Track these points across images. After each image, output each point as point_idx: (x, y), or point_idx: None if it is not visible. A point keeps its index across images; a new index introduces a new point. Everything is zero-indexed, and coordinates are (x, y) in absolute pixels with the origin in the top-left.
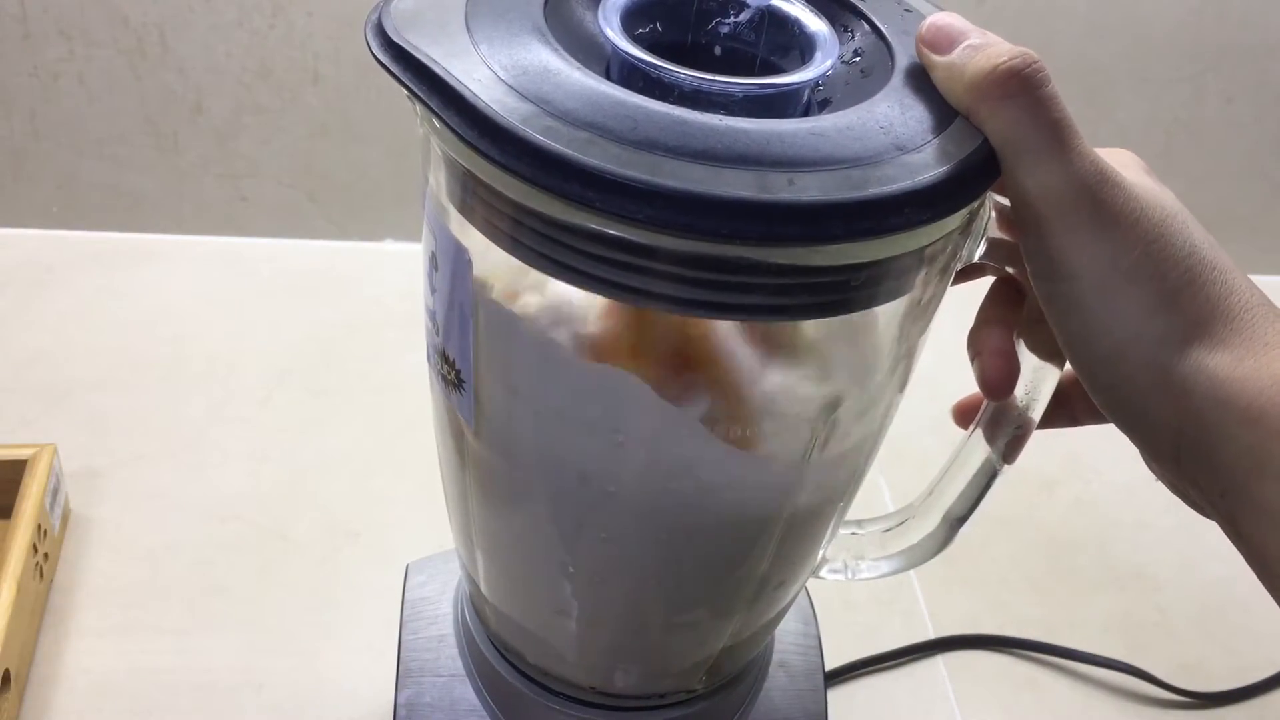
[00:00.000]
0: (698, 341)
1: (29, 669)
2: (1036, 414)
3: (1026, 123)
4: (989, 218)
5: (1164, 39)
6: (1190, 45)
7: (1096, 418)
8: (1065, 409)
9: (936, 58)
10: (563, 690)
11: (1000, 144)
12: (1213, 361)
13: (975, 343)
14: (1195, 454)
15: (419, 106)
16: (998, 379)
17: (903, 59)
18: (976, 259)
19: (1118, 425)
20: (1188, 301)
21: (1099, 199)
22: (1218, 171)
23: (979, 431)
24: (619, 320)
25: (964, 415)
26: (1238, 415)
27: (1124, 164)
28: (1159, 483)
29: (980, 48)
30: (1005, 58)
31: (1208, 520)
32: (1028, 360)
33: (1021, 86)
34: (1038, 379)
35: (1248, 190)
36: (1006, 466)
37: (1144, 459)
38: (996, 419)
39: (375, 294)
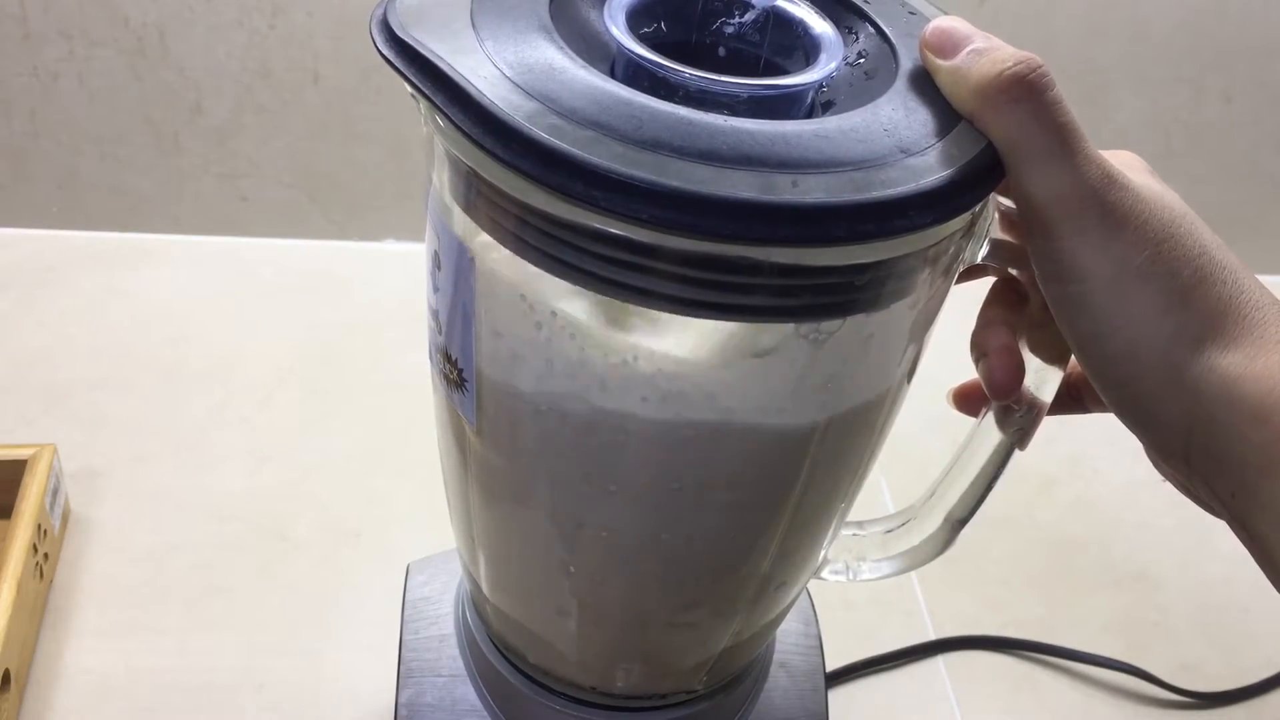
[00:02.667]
0: None
1: (29, 669)
2: (1045, 403)
3: (1032, 127)
4: (992, 219)
5: (1164, 39)
6: (1190, 45)
7: (1106, 406)
8: (1076, 399)
9: (940, 62)
10: (564, 690)
11: (1006, 148)
12: (1224, 360)
13: (979, 344)
14: (1206, 453)
15: (423, 104)
16: (1004, 378)
17: (907, 61)
18: (979, 260)
19: (1128, 424)
20: (1199, 300)
21: (1107, 201)
22: (1218, 171)
23: (981, 433)
24: None
25: (964, 400)
26: (1248, 414)
27: (1128, 165)
28: (1160, 483)
29: (984, 52)
30: (1010, 63)
31: (1208, 520)
32: (1030, 362)
33: (1026, 91)
34: (1040, 380)
35: (1248, 190)
36: (1008, 468)
37: (1151, 459)
38: (1003, 413)
39: (375, 294)
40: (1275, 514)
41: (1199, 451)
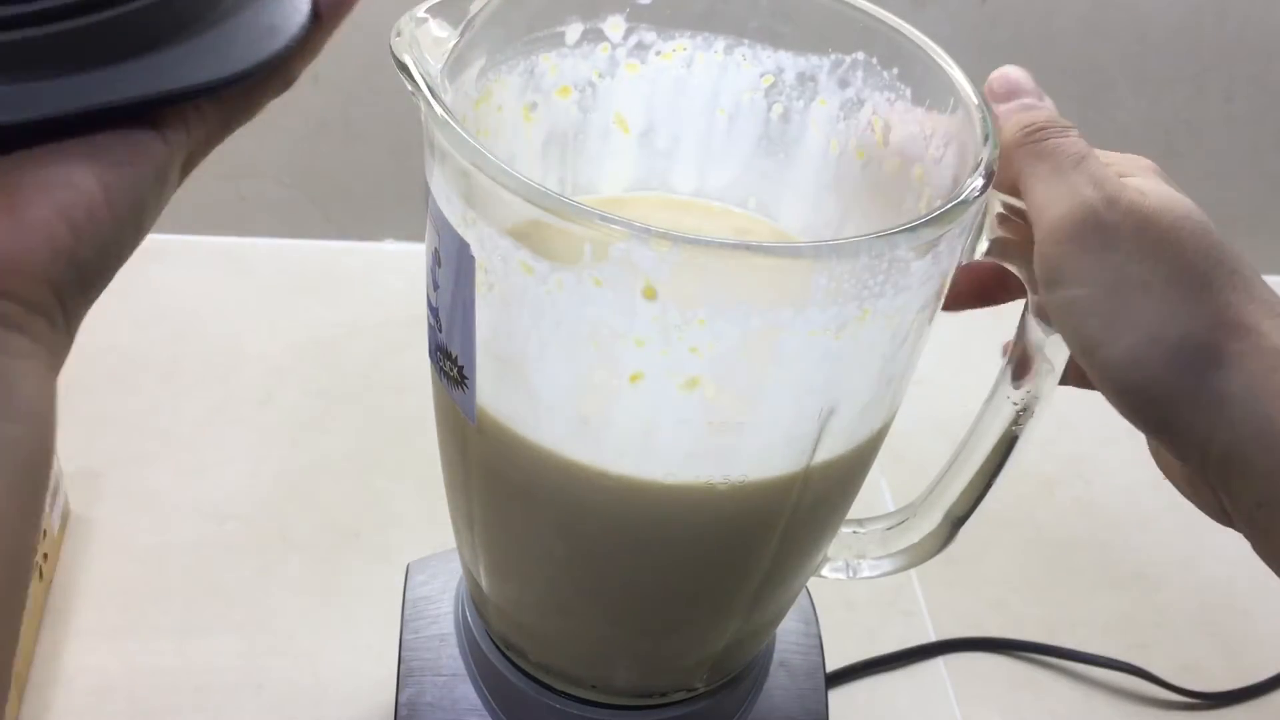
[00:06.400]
0: None
1: (29, 669)
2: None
3: (1037, 156)
4: (992, 216)
5: (1164, 39)
6: (1190, 45)
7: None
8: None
9: (997, 106)
10: (564, 689)
11: (1020, 176)
12: (1241, 370)
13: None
14: (1227, 462)
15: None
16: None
17: None
18: (979, 256)
19: (1142, 429)
20: (1206, 308)
21: (1105, 217)
22: (1218, 171)
23: (980, 429)
24: None
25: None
26: (1272, 428)
27: (1140, 169)
28: (1160, 483)
29: (1028, 108)
30: (1034, 123)
31: (1208, 520)
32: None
33: (1037, 134)
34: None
35: (1248, 190)
36: (1008, 469)
37: (1158, 464)
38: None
39: (375, 294)
40: None
41: (1218, 460)
